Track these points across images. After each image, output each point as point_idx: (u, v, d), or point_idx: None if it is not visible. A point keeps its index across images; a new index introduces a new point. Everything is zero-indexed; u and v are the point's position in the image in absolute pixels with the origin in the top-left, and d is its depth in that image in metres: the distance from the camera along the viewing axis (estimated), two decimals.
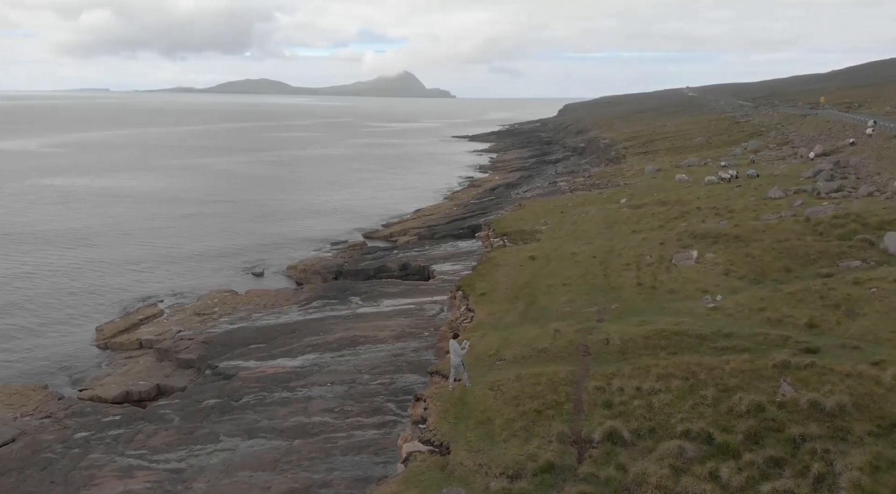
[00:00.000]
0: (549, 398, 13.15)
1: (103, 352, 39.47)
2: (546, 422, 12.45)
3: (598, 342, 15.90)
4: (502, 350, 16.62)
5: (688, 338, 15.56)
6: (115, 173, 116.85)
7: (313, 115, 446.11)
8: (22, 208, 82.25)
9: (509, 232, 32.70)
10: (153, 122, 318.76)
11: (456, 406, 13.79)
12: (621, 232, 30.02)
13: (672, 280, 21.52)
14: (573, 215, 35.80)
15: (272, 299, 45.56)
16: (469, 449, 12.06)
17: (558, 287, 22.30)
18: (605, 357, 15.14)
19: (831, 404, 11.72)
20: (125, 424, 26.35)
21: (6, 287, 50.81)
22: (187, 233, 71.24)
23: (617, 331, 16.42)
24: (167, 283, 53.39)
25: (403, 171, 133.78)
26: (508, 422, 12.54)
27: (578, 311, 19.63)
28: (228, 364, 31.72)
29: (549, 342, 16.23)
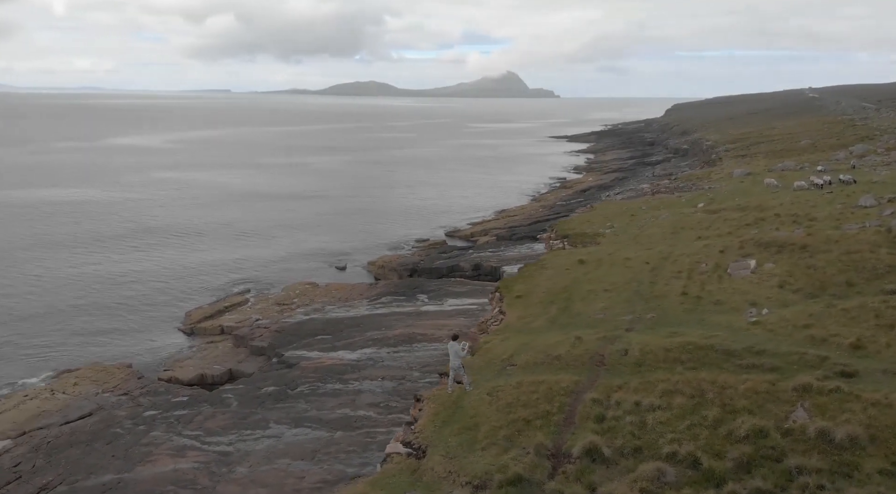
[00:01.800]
0: (542, 408, 12.72)
1: (189, 337, 42.08)
2: (531, 433, 12.07)
3: (615, 353, 15.21)
4: (517, 355, 16.27)
5: (713, 353, 14.57)
6: (223, 169, 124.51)
7: (415, 116, 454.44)
8: (139, 198, 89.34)
9: (571, 234, 31.94)
10: (266, 122, 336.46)
11: (448, 410, 13.66)
12: (686, 238, 28.54)
13: (721, 291, 20.23)
14: (643, 218, 34.41)
15: (347, 293, 46.91)
16: (445, 455, 11.91)
17: (598, 293, 21.54)
18: (618, 369, 14.47)
19: (842, 434, 10.57)
20: (189, 405, 28.01)
21: (116, 271, 55.32)
22: (283, 227, 74.88)
23: (640, 342, 15.64)
24: (258, 273, 56.32)
25: (495, 171, 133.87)
26: (494, 430, 12.25)
27: (612, 319, 18.88)
28: (293, 354, 33.01)
29: (565, 350, 15.73)
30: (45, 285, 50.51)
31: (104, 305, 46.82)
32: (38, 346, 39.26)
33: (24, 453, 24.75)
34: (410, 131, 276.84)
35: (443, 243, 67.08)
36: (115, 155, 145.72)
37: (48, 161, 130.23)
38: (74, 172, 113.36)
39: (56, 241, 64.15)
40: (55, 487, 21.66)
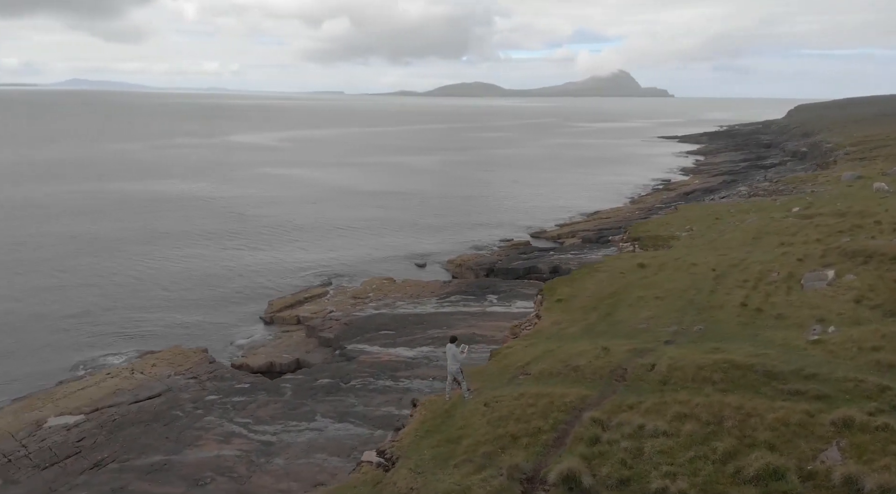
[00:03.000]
0: (534, 425, 11.54)
1: (268, 325, 43.46)
2: (514, 451, 10.96)
3: (641, 367, 13.70)
4: (534, 363, 15.10)
5: (752, 374, 12.76)
6: (325, 167, 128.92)
7: (518, 116, 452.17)
8: (243, 192, 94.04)
9: (643, 237, 29.97)
10: (371, 122, 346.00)
11: (438, 418, 12.77)
12: (767, 244, 25.86)
13: (787, 304, 17.96)
14: (728, 222, 31.71)
15: (419, 290, 46.84)
16: (413, 469, 11.05)
17: (649, 300, 19.80)
18: (639, 385, 12.99)
19: (872, 484, 8.70)
20: (248, 392, 28.69)
21: (214, 261, 58.31)
22: (373, 223, 76.45)
23: (673, 356, 14.02)
24: (343, 266, 57.67)
25: (594, 171, 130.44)
26: (476, 445, 11.24)
27: (654, 329, 17.22)
28: (354, 347, 33.16)
29: (587, 361, 14.39)
30: (148, 271, 53.89)
31: (199, 292, 49.27)
32: (132, 328, 41.80)
33: (91, 428, 26.19)
34: (510, 131, 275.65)
35: (526, 244, 65.91)
36: (229, 151, 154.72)
37: (167, 155, 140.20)
38: (189, 167, 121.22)
39: (163, 230, 68.53)
40: (107, 464, 22.70)
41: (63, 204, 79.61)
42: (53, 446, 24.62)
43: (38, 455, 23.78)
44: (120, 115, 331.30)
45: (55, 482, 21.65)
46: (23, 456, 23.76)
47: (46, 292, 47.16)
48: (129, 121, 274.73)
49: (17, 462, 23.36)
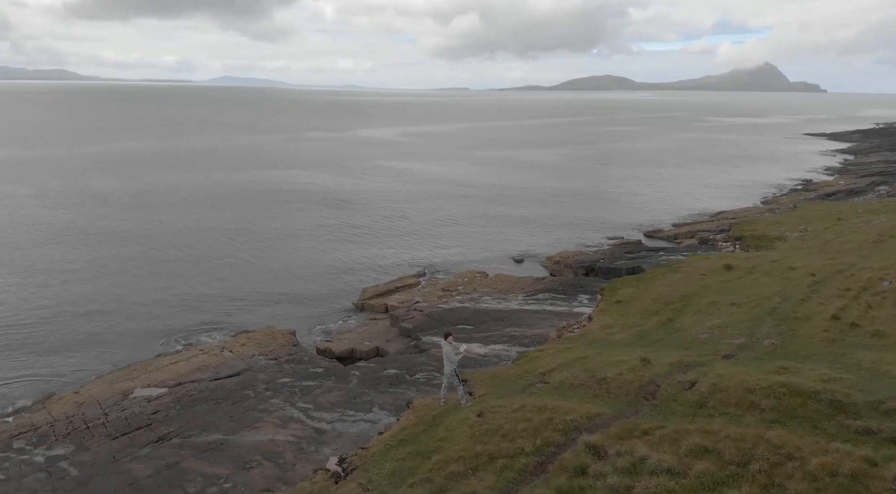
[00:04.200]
0: (518, 445, 9.92)
1: (358, 312, 43.88)
2: (485, 475, 9.42)
3: (677, 385, 11.55)
4: (557, 371, 13.33)
5: (815, 404, 10.27)
6: (441, 160, 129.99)
7: (648, 109, 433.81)
8: (358, 184, 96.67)
9: (746, 236, 26.74)
10: (493, 117, 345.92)
11: (420, 425, 11.46)
12: (888, 249, 21.88)
13: (891, 319, 14.72)
14: (850, 223, 27.49)
15: (509, 285, 45.36)
16: (363, 484, 9.78)
17: (722, 306, 17.17)
18: (668, 407, 10.90)
19: None
20: (319, 377, 28.72)
21: (321, 247, 60.12)
22: (479, 216, 75.92)
23: (722, 375, 11.72)
24: (442, 257, 57.52)
25: (726, 168, 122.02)
26: (445, 463, 9.80)
27: (717, 340, 14.78)
28: (428, 339, 32.40)
29: (617, 373, 12.43)
30: (259, 255, 56.34)
31: (303, 277, 50.78)
32: (235, 308, 43.60)
33: (168, 402, 27.23)
34: (638, 125, 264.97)
35: (637, 243, 62.40)
36: (351, 145, 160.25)
37: (295, 148, 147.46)
38: (312, 159, 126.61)
39: (278, 218, 71.70)
40: (171, 439, 23.37)
41: (192, 191, 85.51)
42: (130, 416, 25.80)
43: (114, 425, 24.97)
44: (261, 110, 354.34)
45: (120, 452, 22.55)
46: (100, 424, 25.06)
47: (166, 271, 50.42)
48: (268, 115, 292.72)
49: (94, 429, 24.66)
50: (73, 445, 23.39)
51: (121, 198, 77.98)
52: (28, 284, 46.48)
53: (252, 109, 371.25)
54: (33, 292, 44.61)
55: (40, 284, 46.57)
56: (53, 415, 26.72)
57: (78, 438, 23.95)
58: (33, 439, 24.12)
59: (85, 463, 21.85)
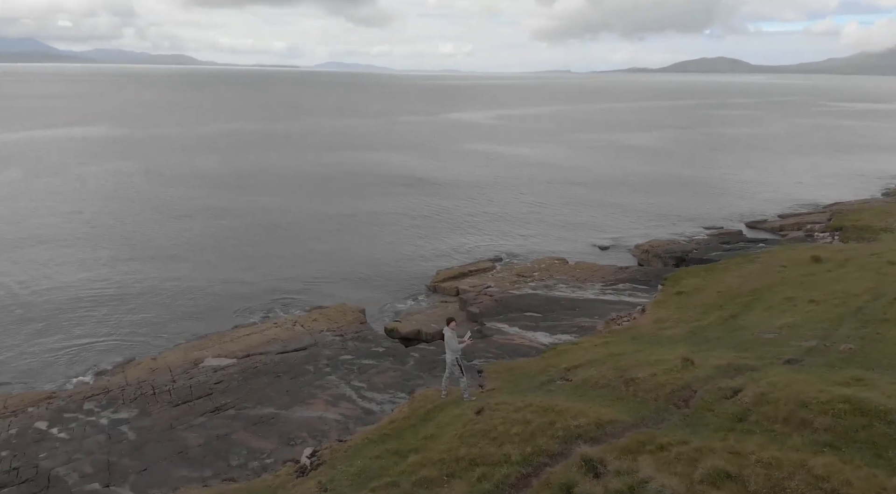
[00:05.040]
0: (505, 451, 8.58)
1: (430, 294, 43.33)
2: (458, 484, 8.07)
3: (717, 392, 9.73)
4: (584, 368, 11.80)
5: (886, 426, 8.28)
6: (532, 144, 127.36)
7: (763, 93, 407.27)
8: (442, 165, 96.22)
9: (847, 227, 23.72)
10: (594, 99, 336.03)
11: (411, 419, 10.31)
12: None
13: None
14: None
15: (588, 274, 43.23)
16: (322, 483, 8.67)
17: (798, 303, 14.84)
18: (701, 418, 9.16)
19: None
20: (378, 357, 28.27)
21: (403, 226, 60.16)
22: (568, 200, 73.85)
23: (775, 383, 9.80)
24: (523, 242, 56.15)
25: (845, 157, 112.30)
26: (420, 465, 8.63)
27: (783, 341, 12.66)
28: (493, 325, 31.20)
29: (650, 374, 10.74)
30: (341, 234, 57.01)
31: (383, 256, 50.92)
32: (314, 283, 44.20)
33: (233, 373, 27.61)
34: (752, 109, 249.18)
35: (737, 234, 58.26)
36: (444, 128, 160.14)
37: (388, 130, 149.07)
38: (404, 141, 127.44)
39: (364, 196, 72.41)
40: (226, 410, 23.55)
41: (285, 171, 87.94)
42: (194, 385, 26.32)
43: (178, 392, 25.53)
44: (360, 94, 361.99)
45: (177, 420, 22.94)
46: (166, 391, 25.70)
47: (253, 248, 51.85)
48: (366, 100, 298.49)
49: (159, 395, 25.30)
50: (137, 410, 24.05)
51: (220, 177, 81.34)
52: (126, 255, 49.10)
53: (352, 93, 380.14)
54: (130, 264, 47.05)
55: (137, 255, 49.07)
56: (127, 379, 27.74)
57: (143, 403, 24.63)
58: (103, 401, 25.03)
59: (143, 428, 22.36)
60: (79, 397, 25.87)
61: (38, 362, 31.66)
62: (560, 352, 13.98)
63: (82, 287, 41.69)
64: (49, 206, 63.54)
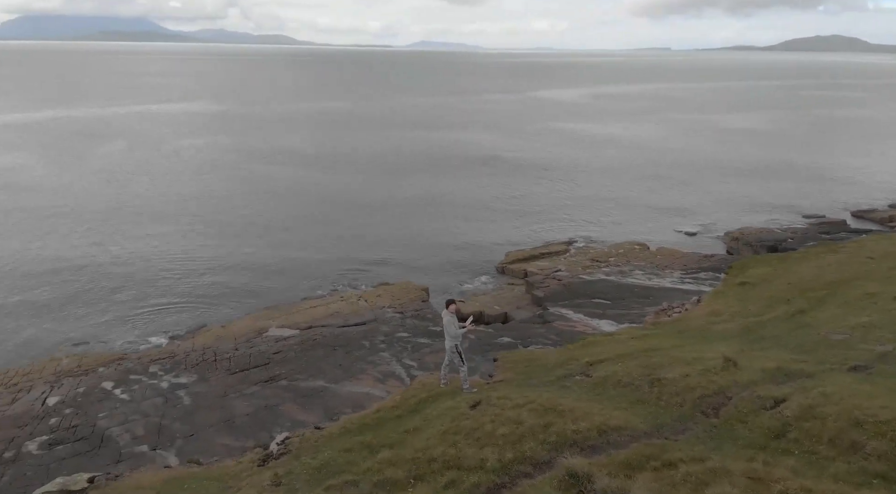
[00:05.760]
0: (483, 456, 7.45)
1: (498, 275, 42.37)
2: (421, 490, 7.00)
3: (756, 401, 8.20)
4: (609, 363, 10.51)
5: None
6: (623, 122, 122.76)
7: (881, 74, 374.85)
8: (527, 144, 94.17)
9: None
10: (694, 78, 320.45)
11: (396, 409, 9.33)
12: None
13: None
14: None
15: (669, 261, 40.84)
16: (277, 475, 7.88)
17: (881, 300, 12.81)
18: (730, 430, 7.71)
19: None
20: (433, 336, 27.71)
21: (480, 207, 59.29)
22: (651, 181, 70.67)
23: (829, 394, 8.14)
24: (603, 225, 54.18)
25: None
26: (387, 464, 7.84)
27: (854, 344, 10.83)
28: (556, 311, 29.89)
29: (681, 375, 9.30)
30: (416, 211, 56.81)
31: (454, 234, 50.39)
32: (385, 259, 44.26)
33: (292, 344, 27.82)
34: (868, 91, 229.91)
35: (840, 224, 53.69)
36: (530, 106, 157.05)
37: (473, 109, 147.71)
38: (487, 120, 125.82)
39: (442, 173, 71.95)
40: (279, 380, 23.66)
41: (368, 150, 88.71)
42: (254, 354, 26.70)
43: (237, 360, 25.95)
44: (449, 73, 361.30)
45: (232, 387, 23.26)
46: (226, 359, 26.20)
47: (330, 223, 52.41)
48: (455, 79, 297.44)
49: (219, 362, 25.81)
50: (196, 375, 24.60)
51: (304, 154, 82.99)
52: (209, 227, 50.91)
53: (440, 72, 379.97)
54: (212, 235, 48.73)
55: (219, 228, 50.77)
56: (194, 345, 28.55)
57: (203, 369, 25.17)
58: (167, 365, 25.79)
59: (199, 394, 22.80)
60: (146, 359, 26.83)
61: (118, 324, 33.23)
62: (587, 343, 12.74)
63: (166, 256, 43.53)
64: (143, 177, 66.95)
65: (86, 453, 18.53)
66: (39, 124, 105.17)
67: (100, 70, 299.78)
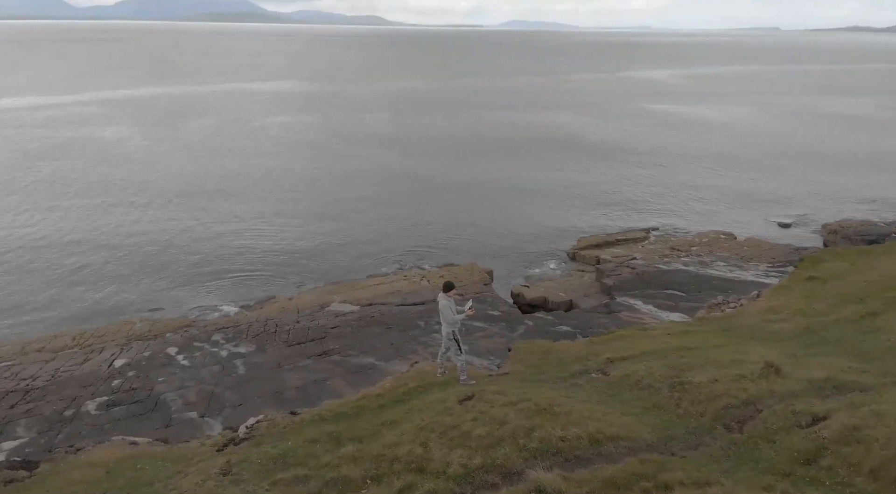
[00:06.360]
0: (448, 460, 6.59)
1: (568, 261, 41.00)
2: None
3: (790, 417, 6.86)
4: (635, 360, 9.30)
5: None
6: (719, 104, 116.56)
7: None
8: (613, 126, 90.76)
9: None
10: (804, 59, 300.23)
11: (379, 398, 8.54)
12: None
13: None
14: None
15: (756, 253, 38.11)
16: (229, 463, 7.21)
17: None
18: (752, 449, 6.47)
19: None
20: (491, 321, 26.96)
21: (559, 186, 57.79)
22: (750, 168, 66.68)
23: (885, 415, 6.63)
24: (689, 212, 51.66)
25: None
26: (347, 460, 7.18)
27: None
28: (623, 301, 28.36)
29: (709, 379, 8.02)
30: (491, 193, 55.89)
31: (528, 217, 49.21)
32: (454, 241, 43.78)
33: (350, 320, 27.81)
34: None
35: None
36: (619, 86, 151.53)
37: (559, 89, 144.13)
38: (573, 100, 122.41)
39: (520, 154, 70.48)
40: (331, 355, 23.62)
41: (446, 131, 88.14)
42: (313, 328, 26.86)
43: (296, 333, 26.17)
44: (540, 53, 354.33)
45: (286, 359, 23.43)
46: (286, 331, 26.48)
47: (405, 204, 52.23)
48: (545, 58, 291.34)
49: (278, 334, 26.12)
50: (255, 346, 24.97)
51: (385, 135, 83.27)
52: (287, 203, 52.06)
53: (529, 52, 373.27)
54: (289, 211, 49.75)
55: (297, 205, 51.81)
56: (259, 316, 29.07)
57: (262, 340, 25.53)
58: (230, 334, 26.34)
59: (254, 365, 23.10)
60: (211, 327, 27.52)
61: (194, 292, 34.40)
62: (614, 338, 11.56)
63: (244, 229, 44.75)
64: (227, 153, 69.27)
65: (139, 415, 19.08)
66: (141, 101, 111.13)
67: (199, 50, 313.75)
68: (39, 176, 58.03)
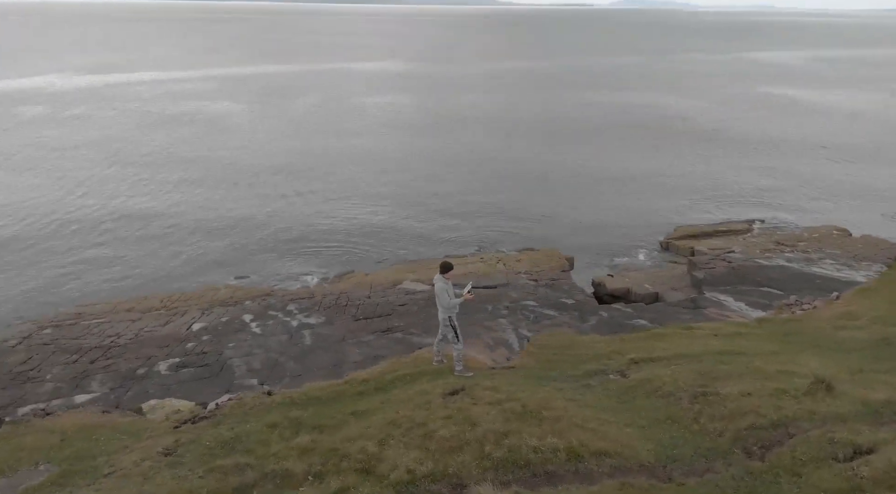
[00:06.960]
0: (397, 464, 6.21)
1: (660, 251, 39.04)
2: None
3: (825, 447, 5.57)
4: (662, 364, 8.20)
5: None
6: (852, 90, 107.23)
7: None
8: (726, 111, 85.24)
9: None
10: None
11: (363, 384, 8.05)
12: None
13: None
14: None
15: (871, 251, 34.50)
16: (177, 442, 6.76)
17: None
18: (770, 484, 5.40)
19: None
20: (562, 309, 25.87)
21: (662, 173, 55.13)
22: (875, 161, 60.74)
23: None
24: (802, 203, 48.13)
25: None
26: (299, 452, 6.61)
27: None
28: (713, 296, 26.43)
29: (743, 392, 6.68)
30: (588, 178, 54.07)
31: (624, 203, 47.39)
32: (542, 224, 42.81)
33: (419, 299, 27.59)
34: None
35: None
36: (736, 67, 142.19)
37: (668, 68, 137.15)
38: (684, 81, 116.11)
39: (619, 138, 67.71)
40: (394, 332, 23.47)
41: (540, 111, 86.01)
42: (381, 304, 26.88)
43: (364, 308, 26.29)
44: (654, 32, 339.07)
45: (351, 333, 23.55)
46: (355, 305, 26.66)
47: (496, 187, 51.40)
48: (659, 38, 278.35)
49: (348, 308, 26.33)
50: (324, 318, 25.29)
51: (478, 117, 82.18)
52: (377, 181, 52.67)
53: (643, 31, 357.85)
54: (376, 191, 50.32)
55: (385, 185, 52.34)
56: (334, 289, 29.51)
57: (332, 313, 25.82)
58: (303, 305, 26.84)
59: (320, 336, 23.37)
60: (288, 297, 28.17)
61: (279, 262, 35.56)
62: (651, 336, 10.29)
63: (332, 206, 45.74)
64: (326, 132, 70.98)
65: (203, 379, 19.72)
66: (251, 77, 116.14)
67: (312, 28, 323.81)
68: (154, 147, 61.95)
